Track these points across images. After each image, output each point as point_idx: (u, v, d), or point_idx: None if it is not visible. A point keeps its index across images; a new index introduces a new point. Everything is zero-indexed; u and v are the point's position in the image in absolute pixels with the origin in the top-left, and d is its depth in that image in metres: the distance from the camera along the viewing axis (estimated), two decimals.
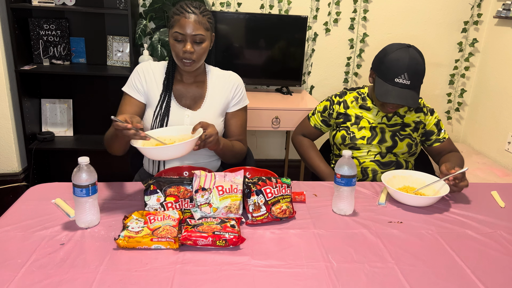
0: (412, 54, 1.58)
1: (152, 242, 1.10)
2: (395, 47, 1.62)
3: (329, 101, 1.81)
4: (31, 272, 0.99)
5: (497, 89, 2.95)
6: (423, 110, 1.76)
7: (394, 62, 1.58)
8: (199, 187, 1.24)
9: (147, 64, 1.60)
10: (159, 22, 2.77)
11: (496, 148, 2.94)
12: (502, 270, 1.09)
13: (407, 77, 1.56)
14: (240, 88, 1.65)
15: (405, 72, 1.56)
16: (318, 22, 2.99)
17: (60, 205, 1.30)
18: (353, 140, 1.73)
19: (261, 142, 3.25)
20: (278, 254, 1.11)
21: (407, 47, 1.61)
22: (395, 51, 1.60)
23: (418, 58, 1.59)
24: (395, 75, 1.57)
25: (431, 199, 1.40)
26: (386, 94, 1.59)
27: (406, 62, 1.56)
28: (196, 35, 1.45)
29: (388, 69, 1.59)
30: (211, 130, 1.38)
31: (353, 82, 3.14)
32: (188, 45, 1.45)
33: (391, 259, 1.11)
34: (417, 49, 1.62)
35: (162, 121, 1.55)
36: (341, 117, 1.77)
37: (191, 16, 1.44)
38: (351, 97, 1.79)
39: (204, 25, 1.46)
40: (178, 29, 1.45)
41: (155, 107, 1.56)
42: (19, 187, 2.76)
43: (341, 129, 1.76)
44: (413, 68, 1.57)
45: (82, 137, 2.92)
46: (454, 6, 3.03)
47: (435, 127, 1.77)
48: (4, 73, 2.57)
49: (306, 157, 1.85)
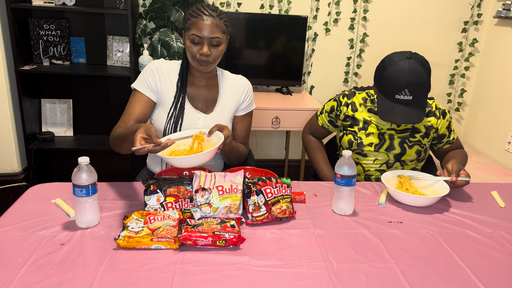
0: (412, 67, 1.49)
1: (152, 242, 1.10)
2: (394, 59, 1.52)
3: (337, 101, 1.75)
4: (31, 272, 0.99)
5: (497, 89, 2.95)
6: (435, 113, 1.67)
7: (393, 77, 1.50)
8: (199, 187, 1.24)
9: (161, 62, 1.59)
10: (159, 22, 2.77)
11: (496, 148, 2.93)
12: (502, 270, 1.09)
13: (408, 92, 1.49)
14: (250, 93, 1.66)
15: (405, 88, 1.48)
16: (318, 22, 2.99)
17: (60, 205, 1.30)
18: (360, 146, 1.68)
19: (261, 142, 3.25)
20: (278, 254, 1.11)
21: (406, 58, 1.51)
22: (394, 65, 1.51)
23: (419, 69, 1.49)
24: (395, 92, 1.50)
25: (431, 199, 1.40)
26: (388, 113, 1.53)
27: (405, 77, 1.48)
28: (213, 38, 1.45)
29: (387, 86, 1.52)
30: (227, 132, 1.38)
31: (353, 82, 3.14)
32: (205, 48, 1.45)
33: (391, 259, 1.11)
34: (418, 59, 1.52)
35: (176, 123, 1.54)
36: (348, 120, 1.71)
37: (209, 19, 1.44)
38: (359, 99, 1.72)
39: (221, 28, 1.46)
40: (195, 32, 1.44)
41: (168, 108, 1.55)
42: (19, 187, 2.76)
43: (348, 132, 1.71)
44: (414, 83, 1.48)
45: (82, 137, 2.92)
46: (454, 6, 3.03)
47: (447, 130, 1.70)
48: (4, 73, 2.57)
49: (312, 159, 1.84)
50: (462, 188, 1.58)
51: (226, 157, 1.62)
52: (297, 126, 2.61)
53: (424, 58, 1.54)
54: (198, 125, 1.57)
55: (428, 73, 1.51)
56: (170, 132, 1.54)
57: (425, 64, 1.52)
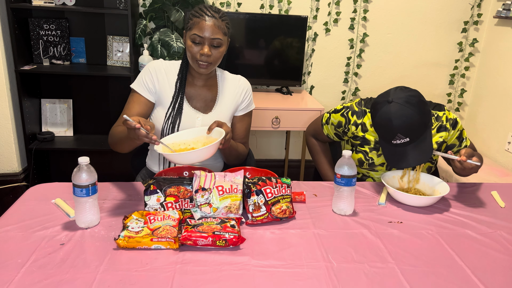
0: (396, 111, 1.41)
1: (152, 242, 1.10)
2: (378, 106, 1.46)
3: (345, 118, 1.66)
4: (31, 272, 0.99)
5: (497, 89, 2.95)
6: (445, 127, 1.58)
7: (381, 126, 1.46)
8: (199, 187, 1.24)
9: (160, 63, 1.59)
10: (159, 22, 2.77)
11: (496, 148, 2.93)
12: (502, 270, 1.09)
13: (403, 136, 1.43)
14: (249, 93, 1.66)
15: (397, 133, 1.43)
16: (318, 22, 2.98)
17: (60, 205, 1.30)
18: (371, 166, 1.65)
19: (261, 142, 3.25)
20: (278, 254, 1.11)
21: (387, 102, 1.43)
22: (378, 113, 1.45)
23: (404, 111, 1.40)
24: (389, 138, 1.46)
25: (431, 199, 1.40)
26: (394, 158, 1.48)
27: (392, 124, 1.41)
28: (214, 39, 1.45)
29: (381, 134, 1.49)
30: (226, 127, 1.39)
31: (353, 82, 3.14)
32: (206, 48, 1.45)
33: (391, 259, 1.11)
34: (401, 99, 1.42)
35: (174, 123, 1.54)
36: (358, 139, 1.65)
37: (211, 19, 1.44)
38: (370, 119, 1.61)
39: (222, 29, 1.47)
40: (197, 32, 1.44)
41: (167, 108, 1.56)
42: (19, 187, 2.76)
43: (358, 151, 1.65)
44: (403, 126, 1.41)
45: (82, 137, 2.92)
46: (454, 6, 3.03)
47: (457, 140, 1.61)
48: (4, 73, 2.57)
49: (315, 161, 1.83)
50: (462, 188, 1.58)
51: (226, 156, 1.62)
52: (297, 126, 2.61)
53: (409, 95, 1.43)
54: (197, 124, 1.57)
55: (417, 109, 1.42)
56: (168, 132, 1.54)
57: (410, 101, 1.42)
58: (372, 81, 3.16)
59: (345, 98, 3.18)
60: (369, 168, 1.67)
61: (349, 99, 3.18)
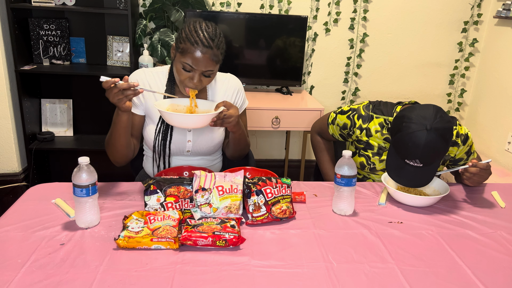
0: (430, 141, 1.34)
1: (152, 242, 1.10)
2: (412, 127, 1.36)
3: (351, 120, 1.64)
4: (31, 272, 0.99)
5: (497, 89, 2.95)
6: (455, 142, 1.56)
7: (406, 146, 1.38)
8: (199, 187, 1.24)
9: (142, 74, 1.53)
10: (159, 22, 2.77)
11: (496, 148, 2.93)
12: (502, 270, 1.09)
13: (420, 162, 1.39)
14: (241, 93, 1.64)
15: (417, 158, 1.38)
16: (318, 22, 2.98)
17: (60, 205, 1.30)
18: (373, 170, 1.65)
19: (261, 142, 3.25)
20: (278, 254, 1.11)
21: (426, 130, 1.34)
22: (410, 134, 1.36)
23: (437, 144, 1.35)
24: (405, 157, 1.41)
25: (431, 199, 1.40)
26: (396, 172, 1.45)
27: (419, 151, 1.36)
28: (207, 71, 1.40)
29: (399, 149, 1.42)
30: (232, 111, 1.41)
31: (353, 82, 3.14)
32: (196, 79, 1.40)
33: (391, 259, 1.11)
34: (438, 130, 1.35)
35: (165, 139, 1.54)
36: (362, 143, 1.64)
37: (206, 51, 1.36)
38: (376, 125, 1.60)
39: (216, 59, 1.39)
40: (189, 62, 1.37)
41: (156, 123, 1.53)
42: (19, 187, 2.76)
43: (361, 155, 1.65)
44: (428, 156, 1.37)
45: (82, 137, 2.92)
46: (454, 6, 3.03)
47: (466, 154, 1.61)
48: (4, 73, 2.57)
49: (318, 160, 1.83)
50: (462, 188, 1.58)
51: (235, 142, 1.57)
52: (297, 126, 2.61)
53: (447, 127, 1.37)
54: (188, 136, 1.56)
55: (447, 144, 1.38)
56: (160, 147, 1.54)
57: (445, 135, 1.36)
58: (372, 81, 3.16)
59: (345, 98, 3.18)
60: (370, 172, 1.67)
61: (349, 99, 3.18)
